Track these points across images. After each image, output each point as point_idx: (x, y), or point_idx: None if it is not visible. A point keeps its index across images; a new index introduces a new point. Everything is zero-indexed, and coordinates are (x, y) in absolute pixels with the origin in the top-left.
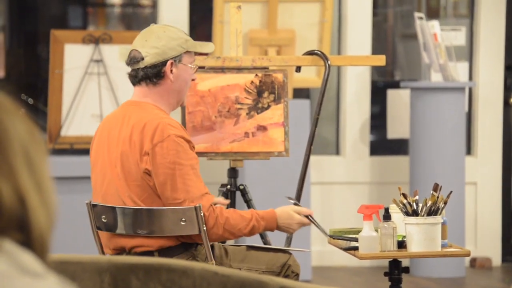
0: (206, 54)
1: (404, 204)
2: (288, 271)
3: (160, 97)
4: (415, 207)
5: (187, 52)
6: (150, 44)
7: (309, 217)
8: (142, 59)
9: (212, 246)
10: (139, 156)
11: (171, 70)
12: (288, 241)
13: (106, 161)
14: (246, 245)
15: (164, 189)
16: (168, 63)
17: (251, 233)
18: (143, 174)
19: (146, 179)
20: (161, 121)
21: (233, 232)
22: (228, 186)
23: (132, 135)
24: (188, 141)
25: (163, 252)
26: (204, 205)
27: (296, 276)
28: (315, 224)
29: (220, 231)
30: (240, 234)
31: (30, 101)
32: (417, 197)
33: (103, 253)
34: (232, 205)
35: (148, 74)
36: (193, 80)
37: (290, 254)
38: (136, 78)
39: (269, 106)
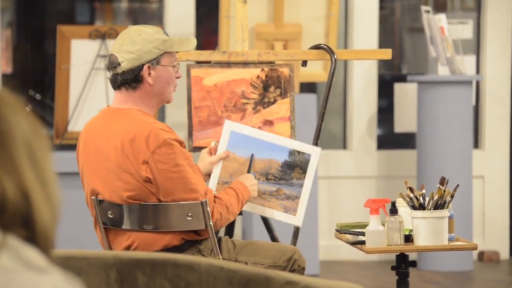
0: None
1: (410, 198)
2: (294, 265)
3: (141, 101)
4: (421, 201)
5: (167, 52)
6: (125, 48)
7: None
8: (119, 64)
9: (219, 240)
10: (137, 166)
11: (150, 74)
12: (295, 236)
13: (95, 174)
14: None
15: (170, 194)
16: (145, 67)
17: (241, 208)
18: (144, 183)
19: (148, 187)
20: (152, 127)
21: (235, 212)
22: None
23: (124, 148)
24: (180, 142)
25: (168, 251)
26: (211, 198)
27: (302, 270)
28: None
29: (230, 216)
30: (236, 213)
31: (38, 97)
32: (423, 191)
33: (109, 248)
34: None
35: (126, 80)
36: (178, 77)
37: (296, 248)
38: (116, 83)
39: (275, 101)
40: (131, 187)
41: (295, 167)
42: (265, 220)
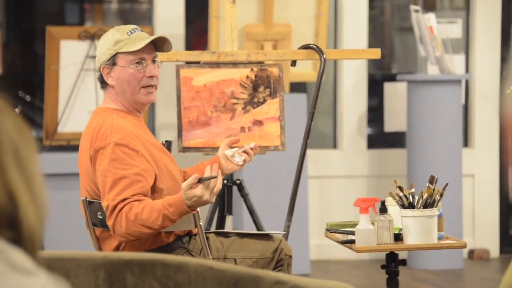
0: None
1: (400, 197)
2: (281, 254)
3: (113, 100)
4: (411, 200)
5: (122, 53)
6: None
7: (200, 180)
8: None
9: (207, 239)
10: (91, 166)
11: (109, 74)
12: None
13: (82, 176)
14: (237, 232)
15: (101, 197)
16: (102, 68)
17: (163, 223)
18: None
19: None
20: (108, 127)
21: (147, 225)
22: (225, 181)
23: (85, 147)
24: (136, 150)
25: (156, 251)
26: (119, 208)
27: (289, 258)
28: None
29: (141, 228)
30: (155, 226)
31: (27, 98)
32: (413, 190)
33: (99, 249)
34: (229, 200)
35: (98, 81)
36: (151, 76)
37: (281, 237)
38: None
39: (265, 101)
40: (94, 185)
41: None
42: (253, 216)
